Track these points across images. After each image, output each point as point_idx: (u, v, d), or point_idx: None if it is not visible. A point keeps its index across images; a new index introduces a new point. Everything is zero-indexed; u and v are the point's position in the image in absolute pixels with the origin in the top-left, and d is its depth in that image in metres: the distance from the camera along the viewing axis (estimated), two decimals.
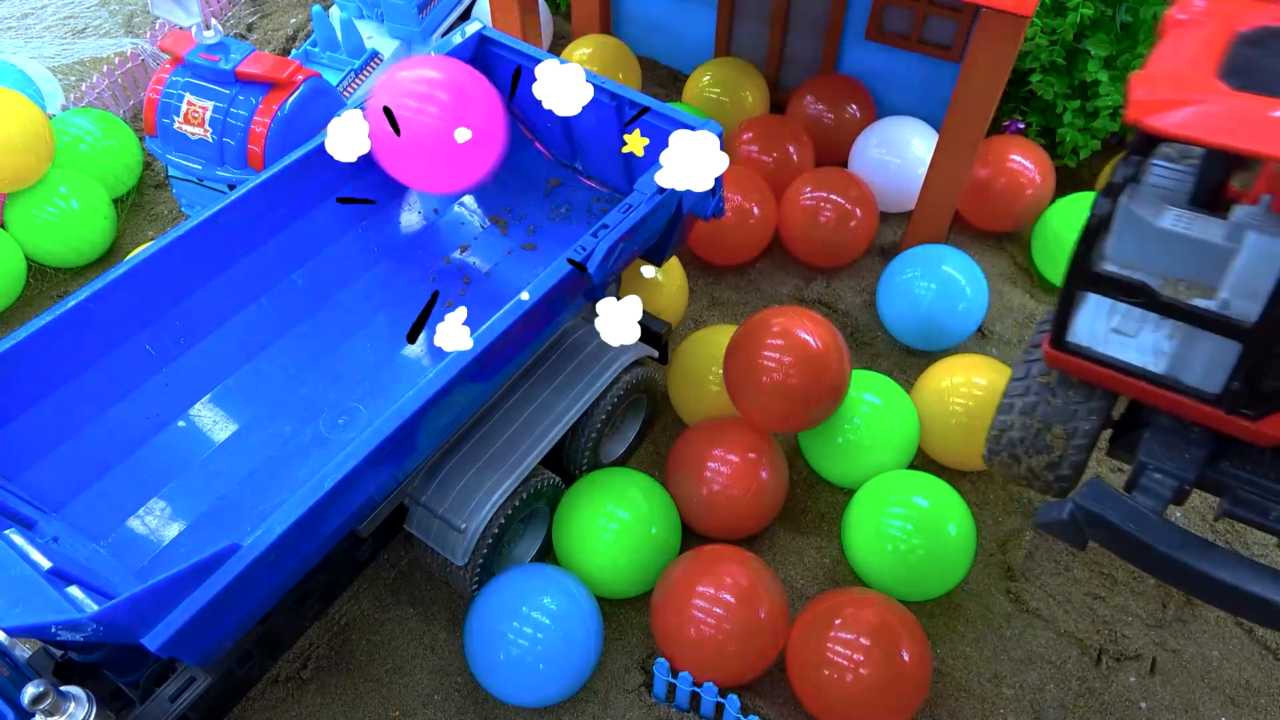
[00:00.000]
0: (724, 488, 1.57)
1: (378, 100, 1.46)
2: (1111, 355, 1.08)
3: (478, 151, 1.49)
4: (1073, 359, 1.10)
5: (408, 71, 1.49)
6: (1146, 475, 1.12)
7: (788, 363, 1.54)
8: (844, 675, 1.35)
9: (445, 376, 1.29)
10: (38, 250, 2.08)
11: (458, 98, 1.46)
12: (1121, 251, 0.99)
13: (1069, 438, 1.16)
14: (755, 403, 1.59)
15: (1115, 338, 1.10)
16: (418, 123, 1.44)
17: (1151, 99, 0.85)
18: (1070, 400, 1.16)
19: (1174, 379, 1.05)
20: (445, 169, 1.49)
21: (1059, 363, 1.13)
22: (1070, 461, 1.19)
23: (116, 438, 1.46)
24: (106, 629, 1.06)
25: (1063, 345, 1.10)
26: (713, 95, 2.24)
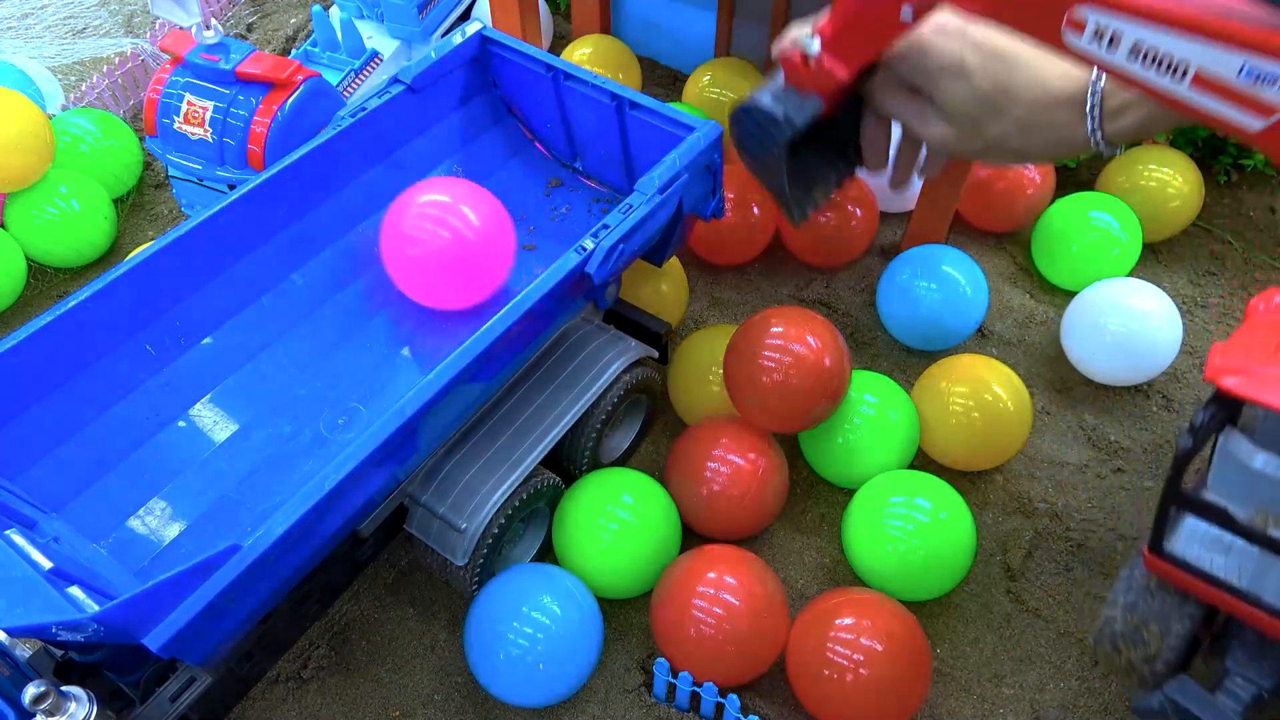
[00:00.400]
0: (724, 488, 1.57)
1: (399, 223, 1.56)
2: (1201, 567, 1.19)
3: (488, 272, 1.58)
4: (1168, 566, 1.21)
5: (421, 195, 1.57)
6: (1230, 678, 1.22)
7: (788, 363, 1.54)
8: (844, 675, 1.35)
9: (445, 376, 1.29)
10: (38, 250, 2.08)
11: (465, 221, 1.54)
12: (1217, 483, 1.14)
13: (1164, 636, 1.25)
14: (755, 403, 1.59)
15: (1206, 551, 1.21)
16: (432, 244, 1.53)
17: (1225, 364, 1.05)
18: (1166, 602, 1.25)
19: (1255, 595, 1.16)
20: (457, 289, 1.59)
21: (1156, 568, 1.23)
22: (1165, 659, 1.27)
23: (116, 438, 1.46)
24: (107, 629, 1.06)
25: (1159, 552, 1.21)
26: (713, 95, 2.24)
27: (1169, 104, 1.11)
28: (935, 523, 1.51)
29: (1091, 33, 1.11)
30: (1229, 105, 1.05)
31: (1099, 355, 1.80)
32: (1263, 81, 1.02)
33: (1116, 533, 1.68)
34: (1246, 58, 1.01)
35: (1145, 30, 1.07)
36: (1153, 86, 1.11)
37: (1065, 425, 1.83)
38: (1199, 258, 2.11)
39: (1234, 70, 1.03)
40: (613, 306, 1.71)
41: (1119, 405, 1.86)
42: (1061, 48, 1.14)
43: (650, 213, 1.49)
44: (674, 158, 1.53)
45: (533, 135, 1.93)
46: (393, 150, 1.78)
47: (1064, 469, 1.77)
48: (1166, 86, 1.09)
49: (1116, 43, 1.10)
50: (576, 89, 1.72)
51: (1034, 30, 1.16)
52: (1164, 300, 1.78)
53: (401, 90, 1.71)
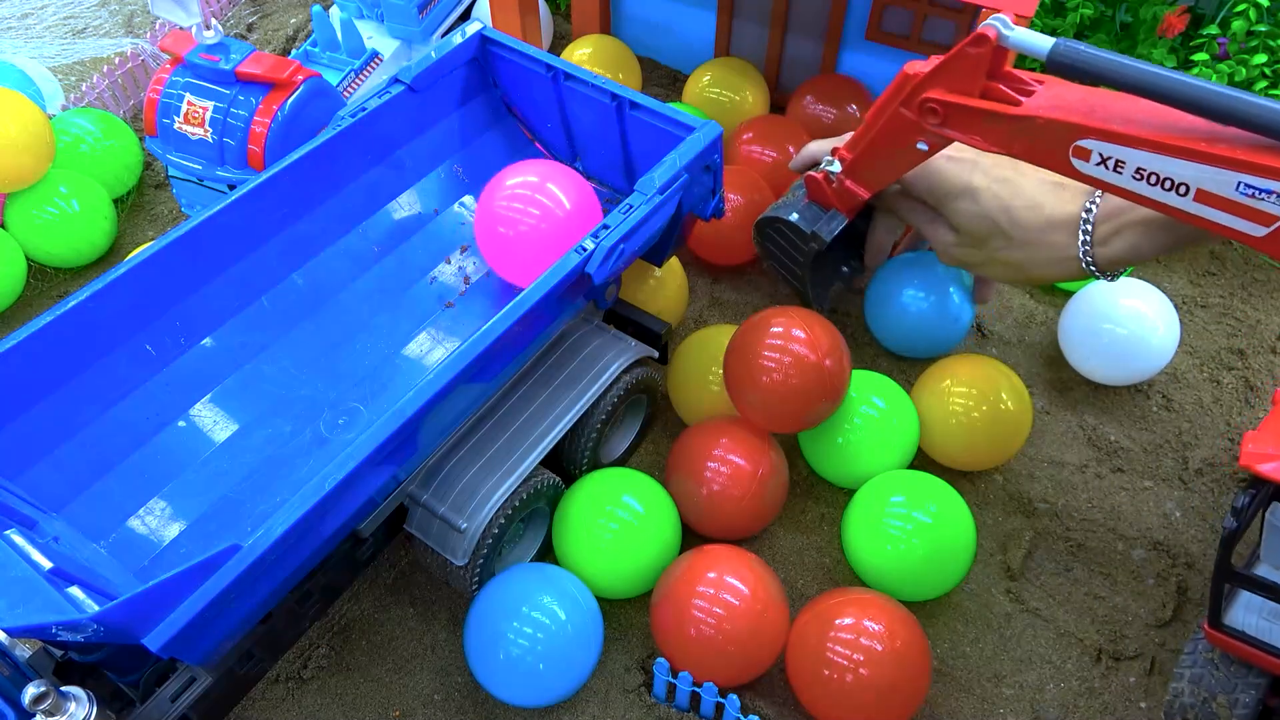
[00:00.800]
0: (724, 488, 1.57)
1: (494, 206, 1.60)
2: (1260, 638, 1.24)
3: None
4: (1228, 639, 1.26)
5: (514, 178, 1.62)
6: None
7: (788, 363, 1.54)
8: (844, 675, 1.35)
9: (445, 376, 1.29)
10: (38, 250, 2.08)
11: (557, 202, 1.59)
12: (1270, 556, 1.19)
13: (1231, 708, 1.29)
14: (755, 403, 1.59)
15: (1265, 621, 1.26)
16: (525, 225, 1.58)
17: (1258, 451, 1.11)
18: (1232, 675, 1.30)
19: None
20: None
21: (1217, 641, 1.28)
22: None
23: (116, 438, 1.46)
24: (107, 629, 1.06)
25: (1219, 627, 1.26)
26: (713, 95, 2.24)
27: (1180, 216, 1.20)
28: (935, 523, 1.51)
29: (1097, 160, 1.22)
30: (1232, 216, 1.16)
31: (1095, 356, 1.80)
32: (1259, 195, 1.12)
33: (1116, 533, 1.68)
34: (1242, 176, 1.11)
35: (1148, 157, 1.17)
36: (1159, 203, 1.20)
37: (1065, 425, 1.83)
38: (1199, 258, 2.11)
39: (1232, 186, 1.13)
40: (613, 306, 1.71)
41: (1119, 405, 1.86)
42: (1073, 173, 1.25)
43: (650, 213, 1.49)
44: (674, 158, 1.53)
45: (533, 135, 1.93)
46: (393, 150, 1.78)
47: (1064, 469, 1.77)
48: (1172, 203, 1.19)
49: (1121, 167, 1.20)
50: (576, 89, 1.72)
51: (1044, 161, 1.26)
52: (1160, 300, 1.78)
53: (401, 90, 1.71)
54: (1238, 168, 1.11)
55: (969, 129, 1.31)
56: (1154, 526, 1.69)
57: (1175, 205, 1.19)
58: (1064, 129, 1.22)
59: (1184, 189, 1.18)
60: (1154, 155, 1.17)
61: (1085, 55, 1.16)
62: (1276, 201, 1.11)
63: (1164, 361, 1.79)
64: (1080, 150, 1.22)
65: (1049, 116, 1.23)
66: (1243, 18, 1.94)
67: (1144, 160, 1.18)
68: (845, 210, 1.58)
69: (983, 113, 1.28)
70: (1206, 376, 1.90)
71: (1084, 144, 1.21)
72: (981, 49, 1.24)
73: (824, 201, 1.59)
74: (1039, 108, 1.24)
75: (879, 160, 1.48)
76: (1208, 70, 1.93)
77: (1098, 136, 1.19)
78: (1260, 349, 1.94)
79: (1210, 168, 1.14)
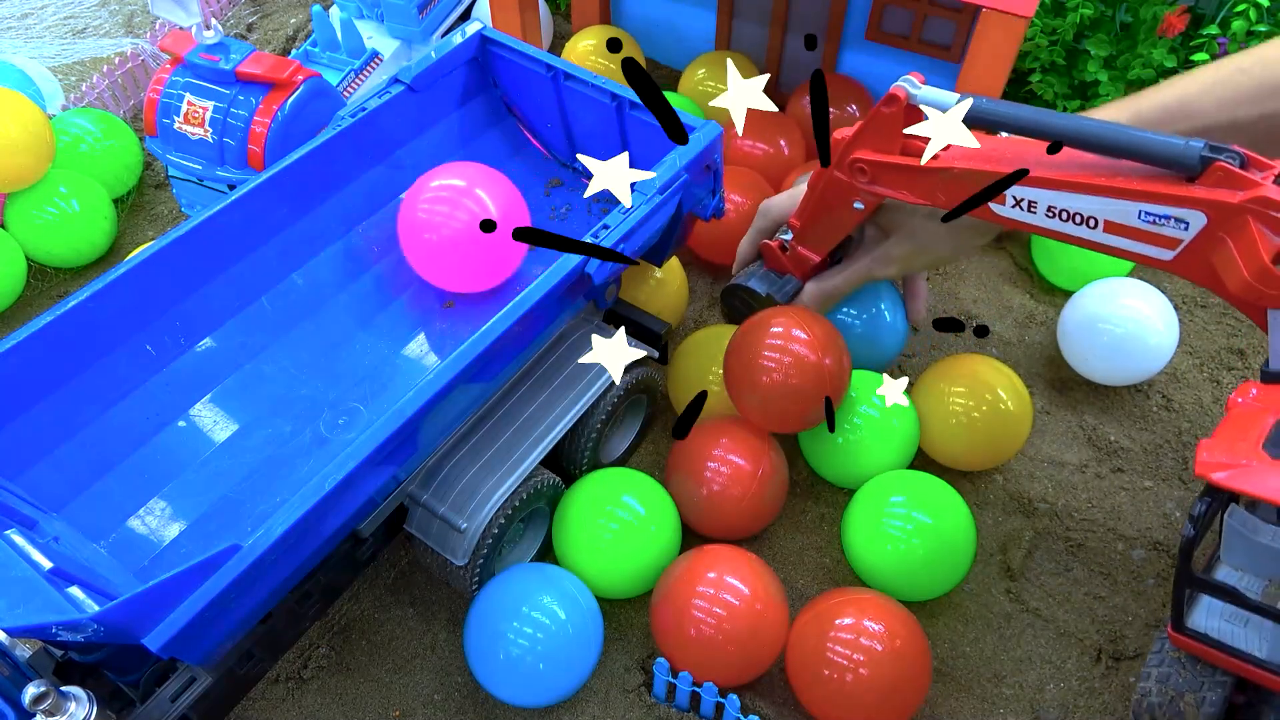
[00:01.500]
0: (724, 488, 1.57)
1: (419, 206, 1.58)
2: (1223, 641, 1.26)
3: (503, 255, 1.61)
4: (1192, 642, 1.28)
5: (437, 179, 1.60)
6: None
7: (787, 363, 1.54)
8: (844, 675, 1.35)
9: (445, 377, 1.29)
10: (38, 250, 2.08)
11: (479, 203, 1.57)
12: (1230, 557, 1.20)
13: (1199, 707, 1.30)
14: (755, 403, 1.59)
15: (1227, 624, 1.28)
16: (447, 227, 1.55)
17: (1212, 459, 1.13)
18: (1198, 673, 1.31)
19: (1276, 666, 1.22)
20: (471, 271, 1.62)
21: (1180, 644, 1.30)
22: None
23: (116, 438, 1.46)
24: (107, 629, 1.06)
25: (1182, 630, 1.28)
26: (708, 89, 2.24)
27: (1094, 248, 1.29)
28: (935, 523, 1.51)
29: (1011, 202, 1.33)
30: (1140, 243, 1.25)
31: (1095, 356, 1.80)
32: (1159, 221, 1.21)
33: (1116, 533, 1.68)
34: (1141, 205, 1.21)
35: (1055, 195, 1.28)
36: (1074, 237, 1.30)
37: (1065, 425, 1.83)
38: None
39: (1134, 215, 1.23)
40: (613, 306, 1.71)
41: (1119, 405, 1.86)
42: (992, 217, 1.36)
43: (650, 213, 1.49)
44: (674, 158, 1.53)
45: (533, 135, 1.93)
46: (393, 150, 1.78)
47: (1064, 469, 1.77)
48: (1085, 236, 1.29)
49: (1034, 207, 1.31)
50: (576, 89, 1.72)
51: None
52: (1160, 300, 1.78)
53: (401, 90, 1.71)
54: (1135, 197, 1.21)
55: (895, 184, 1.43)
56: (1154, 526, 1.69)
57: (1088, 238, 1.28)
58: (978, 176, 1.32)
59: (1093, 222, 1.27)
60: (1061, 193, 1.27)
61: (990, 107, 1.27)
62: (1175, 226, 1.20)
63: (1164, 361, 1.79)
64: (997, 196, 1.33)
65: (963, 166, 1.34)
66: (1243, 18, 1.94)
67: (1053, 199, 1.28)
68: (799, 274, 1.71)
69: (904, 168, 1.39)
70: (1206, 376, 1.90)
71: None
72: (894, 108, 1.36)
73: (780, 268, 1.71)
74: (953, 159, 1.35)
75: (822, 223, 1.59)
76: None
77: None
78: (1260, 349, 1.94)
79: (1112, 200, 1.23)
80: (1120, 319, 1.76)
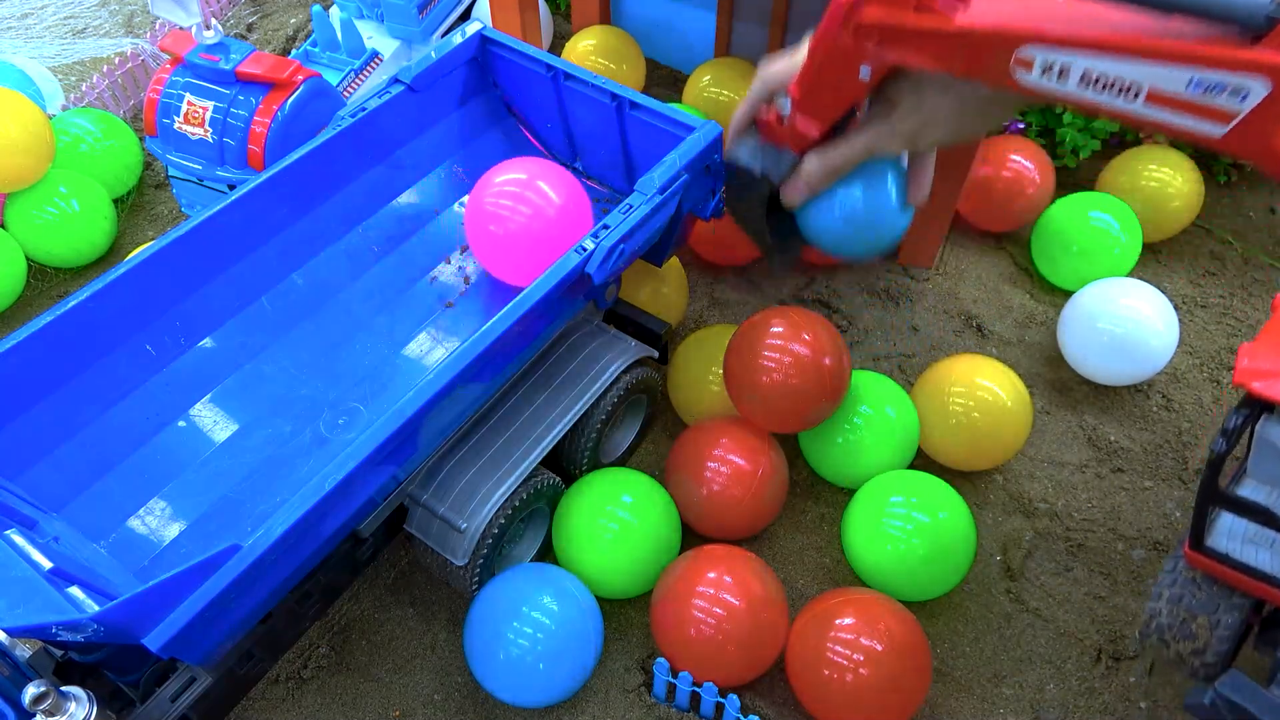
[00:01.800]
0: (724, 488, 1.57)
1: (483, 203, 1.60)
2: (1245, 561, 1.19)
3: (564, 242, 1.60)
4: (1211, 561, 1.22)
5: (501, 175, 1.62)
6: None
7: (787, 363, 1.54)
8: (844, 675, 1.35)
9: (445, 376, 1.29)
10: (38, 250, 2.08)
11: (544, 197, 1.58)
12: (1257, 471, 1.14)
13: (1213, 629, 1.25)
14: (755, 403, 1.59)
15: (1249, 545, 1.21)
16: (513, 222, 1.57)
17: (1253, 367, 1.03)
18: (1214, 595, 1.25)
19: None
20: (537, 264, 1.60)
21: (1198, 564, 1.24)
22: (1215, 650, 1.27)
23: (116, 438, 1.46)
24: (107, 629, 1.06)
25: (1201, 549, 1.22)
26: (713, 95, 2.24)
27: (1134, 123, 1.12)
28: (935, 523, 1.51)
29: (1040, 68, 1.14)
30: (1188, 117, 1.08)
31: (1094, 356, 1.80)
32: (1213, 91, 1.04)
33: (1116, 533, 1.68)
34: (1193, 72, 1.03)
35: (1091, 59, 1.10)
36: (1109, 109, 1.12)
37: (1065, 425, 1.83)
38: (1199, 258, 2.11)
39: (1184, 84, 1.05)
40: (613, 306, 1.71)
41: (1119, 405, 1.86)
42: (1016, 87, 1.17)
43: (650, 213, 1.49)
44: (674, 158, 1.53)
45: (533, 135, 1.93)
46: (393, 150, 1.78)
47: (1064, 469, 1.77)
48: (1123, 108, 1.11)
49: (1066, 75, 1.12)
50: (576, 89, 1.72)
51: (986, 75, 1.18)
52: (1159, 300, 1.78)
53: (401, 90, 1.71)
54: (1186, 61, 1.03)
55: (906, 49, 1.24)
56: (1154, 526, 1.69)
57: (1126, 110, 1.11)
58: (1003, 38, 1.14)
59: (1134, 92, 1.09)
60: (1099, 58, 1.09)
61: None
62: (1230, 96, 1.03)
63: (1164, 361, 1.79)
64: (1022, 60, 1.14)
65: (987, 26, 1.15)
66: None
67: (1089, 64, 1.10)
68: (797, 149, 1.51)
69: (918, 31, 1.20)
70: (1206, 376, 1.90)
71: (1026, 53, 1.13)
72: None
73: (777, 141, 1.51)
74: (976, 19, 1.17)
75: (825, 93, 1.39)
76: None
77: (1040, 42, 1.11)
78: None
79: (1159, 65, 1.05)
80: (1120, 319, 1.76)
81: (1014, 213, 2.07)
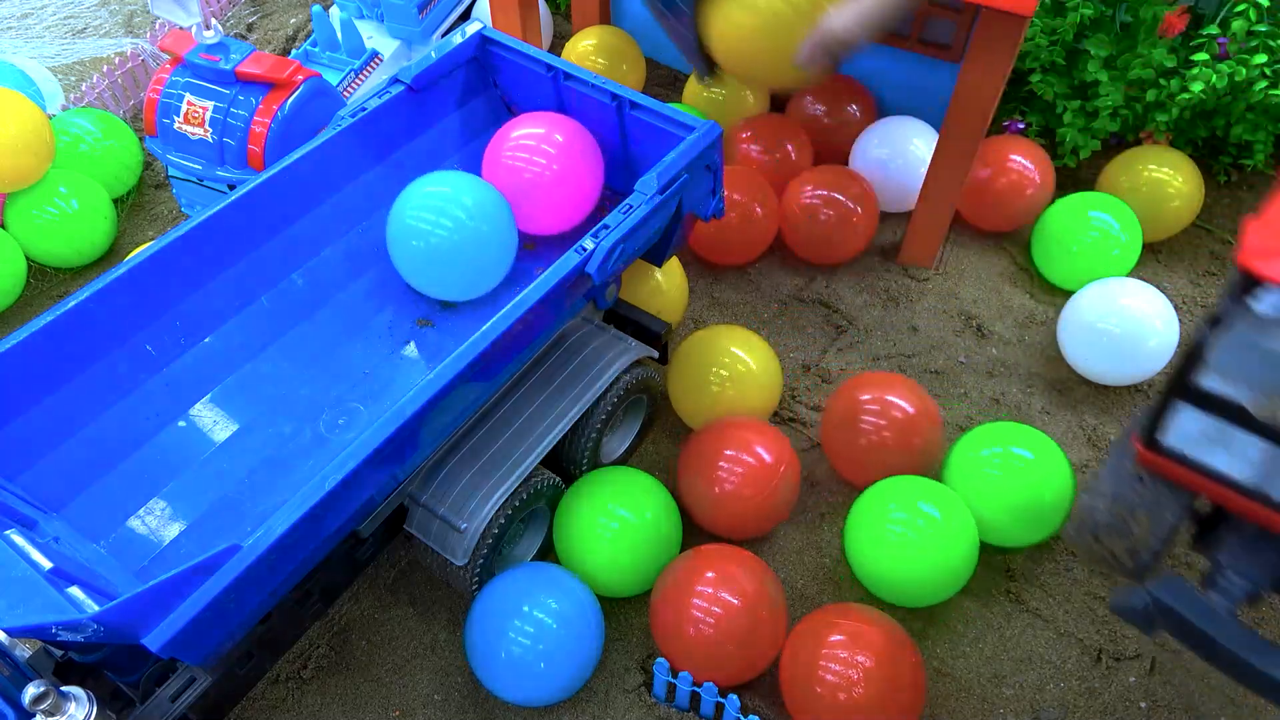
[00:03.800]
0: (736, 488, 1.57)
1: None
2: (1202, 461, 1.11)
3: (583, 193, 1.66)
4: (1165, 461, 1.14)
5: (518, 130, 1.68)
6: (1224, 575, 1.15)
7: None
8: (836, 694, 1.35)
9: (445, 376, 1.29)
10: (38, 250, 2.08)
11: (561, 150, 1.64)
12: (1226, 364, 1.04)
13: (1152, 527, 1.20)
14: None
15: (1207, 443, 1.12)
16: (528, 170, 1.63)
17: (1261, 245, 0.91)
18: (1159, 491, 1.19)
19: (1263, 492, 1.08)
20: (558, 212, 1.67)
21: (1150, 462, 1.17)
22: (1151, 550, 1.22)
23: (116, 438, 1.46)
24: (107, 629, 1.06)
25: (1154, 446, 1.14)
26: (713, 95, 2.24)
27: None
28: (937, 524, 1.50)
29: None
30: None
31: (1095, 356, 1.80)
32: None
33: None
34: None
35: None
36: None
37: (1065, 425, 1.83)
38: (1199, 258, 2.11)
39: None
40: (613, 306, 1.71)
41: (1119, 405, 1.86)
42: None
43: (650, 213, 1.49)
44: (674, 158, 1.53)
45: None
46: (393, 150, 1.77)
47: None
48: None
49: None
50: (576, 89, 1.71)
51: None
52: (1159, 300, 1.78)
53: (401, 90, 1.71)
54: None
55: None
56: None
57: None
58: None
59: None
60: None
61: None
62: None
63: (1164, 361, 1.79)
64: None
65: None
66: (1243, 18, 1.93)
67: None
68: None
69: None
70: None
71: None
72: None
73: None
74: None
75: None
76: (1208, 70, 1.93)
77: None
78: None
79: None
80: (1120, 319, 1.76)
81: (1014, 213, 2.07)
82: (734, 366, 1.72)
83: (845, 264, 2.08)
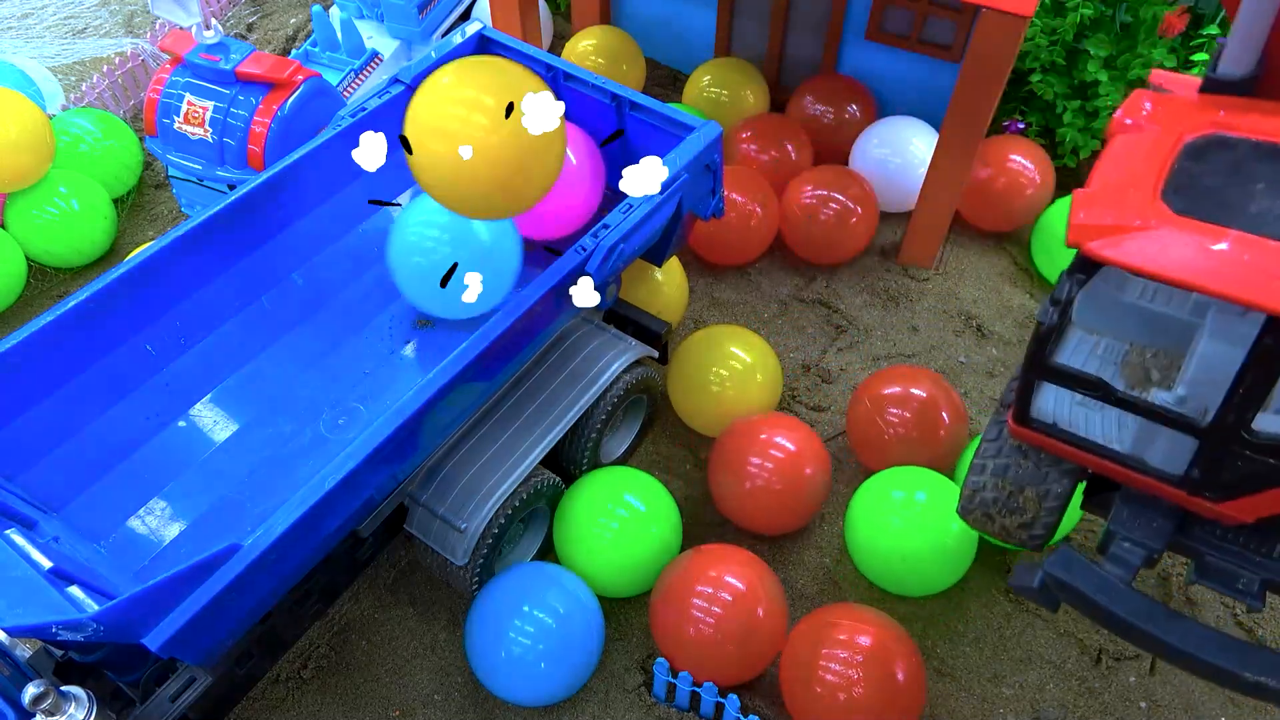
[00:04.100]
0: (767, 483, 1.57)
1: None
2: (1075, 431, 1.08)
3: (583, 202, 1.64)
4: (1037, 435, 1.11)
5: None
6: (1116, 544, 1.12)
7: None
8: (836, 694, 1.35)
9: (445, 376, 1.29)
10: (38, 250, 2.08)
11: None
12: (1087, 318, 1.00)
13: (1041, 500, 1.17)
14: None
15: (1080, 411, 1.09)
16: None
17: (1093, 223, 0.85)
18: (1041, 464, 1.17)
19: (1138, 459, 1.06)
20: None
21: (1023, 436, 1.13)
22: (1043, 522, 1.20)
23: (116, 438, 1.46)
24: (107, 629, 1.07)
25: (1026, 422, 1.10)
26: (713, 95, 2.24)
27: None
28: (936, 519, 1.50)
29: None
30: None
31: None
32: None
33: None
34: None
35: None
36: None
37: None
38: None
39: None
40: (613, 306, 1.71)
41: None
42: None
43: (650, 212, 1.49)
44: (674, 158, 1.53)
45: None
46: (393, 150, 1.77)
47: None
48: None
49: None
50: (577, 89, 1.71)
51: None
52: None
53: (401, 90, 1.71)
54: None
55: None
56: None
57: None
58: None
59: None
60: None
61: None
62: None
63: None
64: None
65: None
66: None
67: None
68: None
69: None
70: None
71: None
72: None
73: None
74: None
75: None
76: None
77: None
78: None
79: None
80: None
81: (1014, 213, 2.07)
82: (734, 366, 1.72)
83: (845, 264, 2.08)
